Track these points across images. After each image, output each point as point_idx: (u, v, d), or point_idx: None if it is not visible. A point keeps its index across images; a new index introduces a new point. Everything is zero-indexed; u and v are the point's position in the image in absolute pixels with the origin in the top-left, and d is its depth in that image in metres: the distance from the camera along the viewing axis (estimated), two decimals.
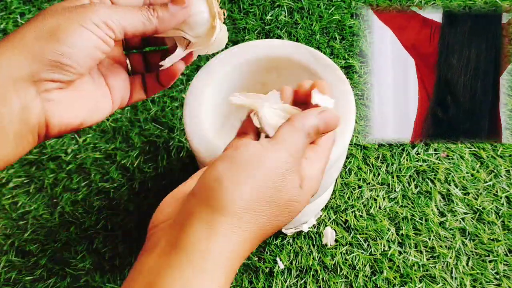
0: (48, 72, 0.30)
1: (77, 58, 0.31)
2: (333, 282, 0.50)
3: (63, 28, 0.30)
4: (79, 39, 0.31)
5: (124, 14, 0.33)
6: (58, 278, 0.52)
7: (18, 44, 0.30)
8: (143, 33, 0.34)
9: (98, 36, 0.31)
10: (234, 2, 0.71)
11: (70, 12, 0.31)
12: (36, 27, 0.31)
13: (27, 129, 0.31)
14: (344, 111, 0.43)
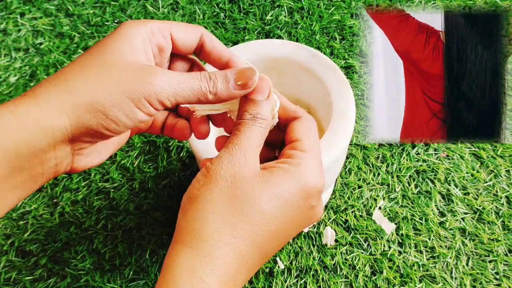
0: (87, 137, 0.31)
1: (120, 129, 0.31)
2: (333, 282, 0.50)
3: (115, 105, 0.30)
4: (127, 118, 0.30)
5: (181, 87, 0.31)
6: (58, 278, 0.52)
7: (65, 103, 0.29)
8: (195, 103, 0.33)
9: (146, 112, 0.31)
10: (234, 2, 0.71)
11: (126, 83, 0.30)
12: (86, 87, 0.30)
13: (53, 176, 0.32)
14: (344, 111, 0.43)
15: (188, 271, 0.28)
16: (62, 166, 0.32)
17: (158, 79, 0.30)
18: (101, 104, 0.29)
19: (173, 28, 0.34)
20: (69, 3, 0.73)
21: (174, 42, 0.35)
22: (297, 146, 0.32)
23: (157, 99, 0.30)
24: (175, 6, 0.72)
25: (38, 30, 0.71)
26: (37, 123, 0.29)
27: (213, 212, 0.29)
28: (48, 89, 0.30)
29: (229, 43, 0.67)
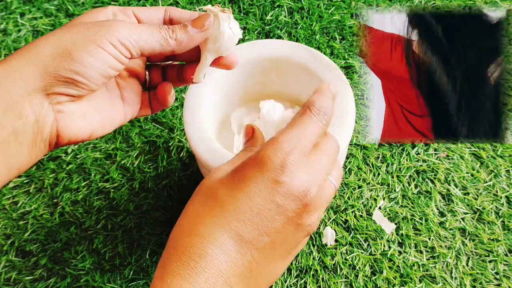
0: (61, 86, 0.31)
1: (90, 76, 0.31)
2: (333, 282, 0.50)
3: (79, 47, 0.31)
4: (93, 58, 0.31)
5: (142, 34, 0.33)
6: (58, 278, 0.52)
7: (34, 58, 0.30)
8: (160, 53, 0.34)
9: (113, 56, 0.32)
10: (234, 2, 0.71)
11: (87, 30, 0.31)
12: (53, 42, 0.31)
13: (40, 139, 0.32)
14: (344, 111, 0.43)
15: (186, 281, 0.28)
16: (45, 124, 0.31)
17: (120, 24, 0.32)
18: (63, 49, 0.30)
19: (134, 9, 0.36)
20: (69, 3, 0.73)
21: (139, 20, 0.36)
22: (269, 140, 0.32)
23: (120, 41, 0.31)
24: (175, 6, 0.72)
25: (38, 30, 0.71)
26: (6, 76, 0.30)
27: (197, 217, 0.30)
28: (16, 52, 0.31)
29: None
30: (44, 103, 0.31)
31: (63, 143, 0.33)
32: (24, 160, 0.32)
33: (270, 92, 0.52)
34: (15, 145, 0.30)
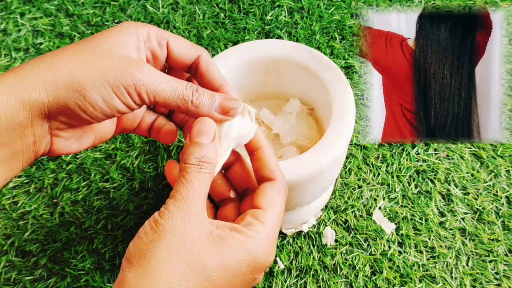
0: (64, 116, 0.31)
1: (96, 116, 0.31)
2: (333, 282, 0.50)
3: (95, 87, 0.30)
4: (105, 104, 0.30)
5: (164, 87, 0.31)
6: (58, 278, 0.52)
7: (47, 82, 0.30)
8: (173, 109, 0.33)
9: (125, 103, 0.31)
10: (234, 2, 0.71)
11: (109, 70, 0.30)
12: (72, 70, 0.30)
13: (33, 157, 0.32)
14: (344, 111, 0.43)
15: None
16: (41, 145, 0.31)
17: (142, 72, 0.30)
18: (80, 84, 0.30)
19: (170, 38, 0.34)
20: (69, 3, 0.73)
21: (170, 52, 0.35)
22: (259, 216, 0.32)
23: (136, 90, 0.30)
24: (175, 6, 0.72)
25: (38, 30, 0.71)
26: (16, 96, 0.29)
27: (162, 274, 0.28)
28: (32, 65, 0.30)
29: (229, 43, 0.67)
30: (44, 127, 0.31)
31: (50, 156, 0.33)
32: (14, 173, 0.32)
33: (270, 92, 0.52)
34: (10, 163, 0.31)
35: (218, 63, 0.47)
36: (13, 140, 0.30)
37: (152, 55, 0.34)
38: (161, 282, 0.28)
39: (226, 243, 0.30)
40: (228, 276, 0.30)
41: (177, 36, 0.35)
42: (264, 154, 0.34)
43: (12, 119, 0.29)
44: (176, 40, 0.35)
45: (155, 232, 0.29)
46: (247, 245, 0.30)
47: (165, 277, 0.28)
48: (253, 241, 0.30)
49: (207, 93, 0.33)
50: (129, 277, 0.28)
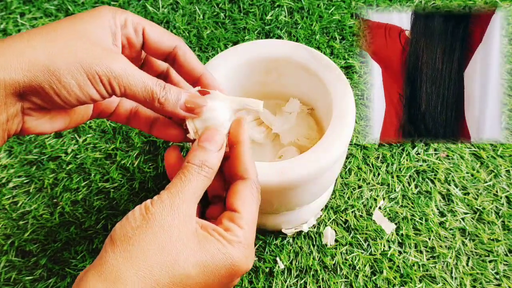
0: (38, 98, 0.31)
1: (69, 101, 0.31)
2: (333, 282, 0.50)
3: (70, 72, 0.30)
4: (79, 89, 0.31)
5: (135, 81, 0.32)
6: (58, 278, 0.52)
7: (25, 61, 0.30)
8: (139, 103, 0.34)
9: (98, 91, 0.31)
10: (234, 2, 0.71)
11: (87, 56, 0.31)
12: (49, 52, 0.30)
13: (4, 136, 0.32)
14: (344, 111, 0.43)
15: None
16: (13, 124, 0.32)
17: (117, 64, 0.31)
18: (56, 68, 0.30)
19: (147, 26, 0.35)
20: (69, 3, 0.73)
21: (146, 40, 0.35)
22: (236, 219, 0.32)
23: (108, 81, 0.31)
24: (175, 6, 0.72)
25: None
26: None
27: (143, 259, 0.29)
28: (10, 44, 0.30)
29: (229, 43, 0.67)
30: (17, 106, 0.31)
31: (23, 135, 0.33)
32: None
33: (270, 92, 0.52)
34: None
35: (218, 63, 0.47)
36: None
37: (127, 42, 0.35)
38: (141, 269, 0.29)
39: (208, 243, 0.31)
40: (206, 275, 0.30)
41: (154, 24, 0.35)
42: (240, 150, 0.35)
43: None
44: (153, 28, 0.35)
45: (144, 219, 0.30)
46: (228, 249, 0.31)
47: (146, 265, 0.29)
48: (233, 246, 0.31)
49: (174, 91, 0.33)
50: (110, 257, 0.29)
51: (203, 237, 0.31)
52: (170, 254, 0.29)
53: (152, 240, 0.29)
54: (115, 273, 0.28)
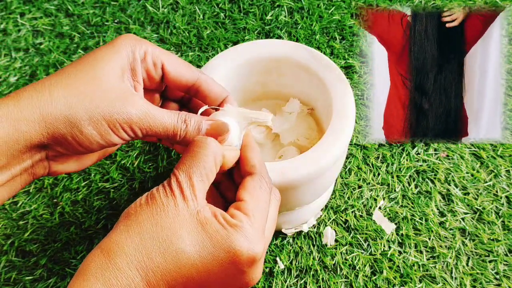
0: (61, 147, 0.32)
1: (92, 149, 0.32)
2: (333, 282, 0.50)
3: (91, 123, 0.31)
4: (100, 138, 0.32)
5: (155, 124, 0.33)
6: (58, 278, 0.52)
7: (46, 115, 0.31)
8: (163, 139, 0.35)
9: (119, 137, 0.32)
10: (234, 2, 0.71)
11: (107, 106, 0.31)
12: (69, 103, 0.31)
13: (31, 180, 0.33)
14: (344, 111, 0.43)
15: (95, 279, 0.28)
16: (38, 169, 0.33)
17: (136, 109, 0.32)
18: (77, 119, 0.31)
19: (165, 60, 0.35)
20: (69, 3, 0.73)
21: (165, 74, 0.35)
22: (241, 207, 0.32)
23: (130, 127, 0.32)
24: (175, 6, 0.72)
25: (38, 30, 0.71)
26: (16, 125, 0.30)
27: (138, 232, 0.29)
28: (31, 95, 0.31)
29: (229, 43, 0.67)
30: (42, 154, 0.32)
31: (48, 176, 0.35)
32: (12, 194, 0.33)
33: (270, 92, 0.52)
34: (9, 185, 0.32)
35: (218, 63, 0.47)
36: (12, 165, 0.31)
37: (147, 75, 0.35)
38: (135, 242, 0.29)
39: (209, 225, 0.30)
40: (203, 257, 0.30)
41: (173, 56, 0.36)
42: (247, 150, 0.35)
43: (11, 146, 0.30)
44: (172, 62, 0.35)
45: (147, 204, 0.31)
46: (228, 231, 0.30)
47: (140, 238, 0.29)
48: (234, 230, 0.30)
49: (195, 123, 0.34)
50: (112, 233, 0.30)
51: (204, 219, 0.30)
52: (163, 230, 0.29)
53: (149, 217, 0.30)
54: (111, 245, 0.29)
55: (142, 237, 0.29)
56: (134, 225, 0.30)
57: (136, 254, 0.29)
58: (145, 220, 0.30)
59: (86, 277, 0.28)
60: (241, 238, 0.30)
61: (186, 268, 0.29)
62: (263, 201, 0.33)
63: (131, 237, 0.29)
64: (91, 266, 0.29)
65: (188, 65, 0.36)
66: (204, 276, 0.30)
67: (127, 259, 0.29)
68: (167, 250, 0.29)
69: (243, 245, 0.30)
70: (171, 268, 0.29)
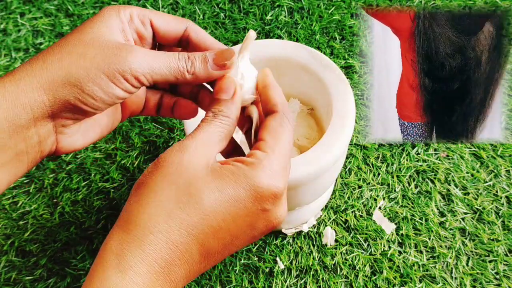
0: (68, 112, 0.31)
1: (98, 106, 0.31)
2: (333, 282, 0.50)
3: (91, 79, 0.30)
4: (103, 92, 0.31)
5: (158, 65, 0.31)
6: (58, 278, 0.52)
7: (44, 83, 0.30)
8: (172, 83, 0.34)
9: (123, 89, 0.31)
10: (234, 2, 0.71)
11: (102, 59, 0.30)
12: (65, 68, 0.30)
13: (38, 157, 0.32)
14: (344, 111, 0.43)
15: (117, 257, 0.27)
16: (46, 145, 0.32)
17: (134, 55, 0.31)
18: (76, 78, 0.30)
19: (153, 16, 0.34)
20: (69, 3, 0.73)
21: (155, 30, 0.35)
22: (260, 146, 0.31)
23: (132, 74, 0.31)
24: (175, 6, 0.72)
25: (38, 30, 0.71)
26: (15, 99, 0.29)
27: (152, 197, 0.28)
28: (25, 68, 0.30)
29: (229, 43, 0.67)
30: (49, 126, 0.31)
31: (57, 154, 0.34)
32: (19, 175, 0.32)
33: None
34: (15, 164, 0.31)
35: None
36: (16, 143, 0.30)
37: (138, 36, 0.34)
38: (150, 206, 0.28)
39: (225, 169, 0.29)
40: (225, 201, 0.29)
41: (159, 12, 0.35)
42: (268, 90, 0.35)
43: (13, 122, 0.29)
44: (159, 17, 0.35)
45: (155, 165, 0.30)
46: (246, 170, 0.29)
47: (155, 200, 0.28)
48: (253, 166, 0.29)
49: (199, 57, 0.33)
50: (126, 206, 0.29)
51: (218, 167, 0.30)
52: (179, 187, 0.28)
53: (161, 178, 0.29)
54: (128, 218, 0.28)
55: (159, 200, 0.28)
56: (146, 192, 0.29)
57: (158, 218, 0.28)
58: (158, 184, 0.29)
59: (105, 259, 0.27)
60: (259, 173, 0.29)
61: (211, 217, 0.28)
62: (284, 139, 0.32)
63: (146, 203, 0.28)
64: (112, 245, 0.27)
65: (176, 17, 0.35)
66: (230, 221, 0.29)
67: (149, 225, 0.28)
68: (188, 204, 0.28)
69: (262, 180, 0.29)
70: (195, 220, 0.28)
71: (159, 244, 0.27)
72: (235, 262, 0.51)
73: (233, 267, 0.51)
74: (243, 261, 0.51)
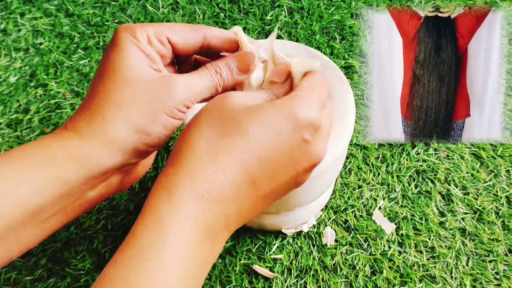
0: (137, 158, 0.33)
1: (162, 142, 0.33)
2: (333, 282, 0.50)
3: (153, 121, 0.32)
4: (165, 129, 0.33)
5: (198, 89, 0.34)
6: (58, 278, 0.52)
7: (112, 139, 0.31)
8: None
9: (179, 118, 0.33)
10: (234, 2, 0.71)
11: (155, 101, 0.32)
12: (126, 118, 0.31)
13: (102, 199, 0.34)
14: (344, 111, 0.43)
15: (167, 190, 0.28)
16: (112, 188, 0.34)
17: (180, 90, 0.33)
18: (141, 126, 0.31)
19: (169, 33, 0.35)
20: (69, 3, 0.73)
21: (174, 46, 0.35)
22: (296, 89, 0.33)
23: (184, 105, 0.33)
24: (175, 6, 0.72)
25: (38, 30, 0.71)
26: (87, 150, 0.31)
27: (198, 131, 0.30)
28: (87, 124, 0.31)
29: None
30: (118, 176, 0.34)
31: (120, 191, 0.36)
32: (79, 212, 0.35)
33: None
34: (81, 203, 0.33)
35: None
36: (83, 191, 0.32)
37: (159, 55, 0.35)
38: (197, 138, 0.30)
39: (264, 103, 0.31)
40: (266, 130, 0.30)
41: (174, 25, 0.35)
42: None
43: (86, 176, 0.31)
44: (175, 32, 0.35)
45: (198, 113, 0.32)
46: (284, 101, 0.31)
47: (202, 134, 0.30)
48: (290, 98, 0.31)
49: (224, 67, 0.35)
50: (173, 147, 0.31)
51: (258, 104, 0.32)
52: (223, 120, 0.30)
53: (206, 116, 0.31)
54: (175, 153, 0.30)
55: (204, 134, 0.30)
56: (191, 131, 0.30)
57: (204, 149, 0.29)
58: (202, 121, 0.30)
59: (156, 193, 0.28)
60: (297, 104, 0.30)
61: (254, 145, 0.29)
62: (320, 83, 0.33)
63: (193, 139, 0.30)
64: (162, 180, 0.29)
65: (191, 27, 0.36)
66: (274, 149, 0.30)
67: (196, 157, 0.29)
68: (232, 135, 0.29)
69: (300, 109, 0.30)
70: (240, 150, 0.29)
71: (207, 171, 0.28)
72: (235, 262, 0.51)
73: (233, 267, 0.51)
74: (243, 261, 0.51)
